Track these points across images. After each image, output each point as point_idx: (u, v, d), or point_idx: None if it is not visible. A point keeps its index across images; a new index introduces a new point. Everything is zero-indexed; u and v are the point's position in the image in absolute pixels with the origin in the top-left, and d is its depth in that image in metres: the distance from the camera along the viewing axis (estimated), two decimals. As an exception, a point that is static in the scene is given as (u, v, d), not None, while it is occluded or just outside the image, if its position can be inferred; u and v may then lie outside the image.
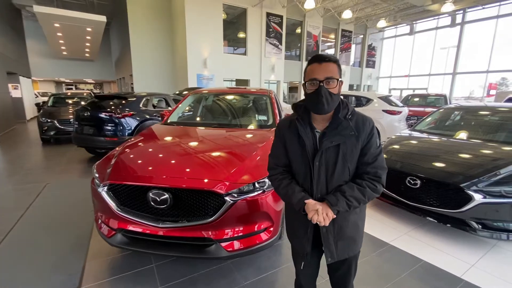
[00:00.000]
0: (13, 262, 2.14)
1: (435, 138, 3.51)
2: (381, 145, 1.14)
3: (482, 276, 2.02)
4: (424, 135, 3.68)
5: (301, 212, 1.11)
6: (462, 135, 3.50)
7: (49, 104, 7.90)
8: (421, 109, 8.62)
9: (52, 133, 6.80)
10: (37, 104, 9.24)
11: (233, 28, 14.17)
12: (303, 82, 1.11)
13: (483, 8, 14.64)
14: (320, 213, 1.04)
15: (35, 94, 15.21)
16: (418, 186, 2.65)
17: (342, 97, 1.13)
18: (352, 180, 1.12)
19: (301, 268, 1.27)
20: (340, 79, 1.05)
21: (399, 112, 6.36)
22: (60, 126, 6.80)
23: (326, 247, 1.14)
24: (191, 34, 12.17)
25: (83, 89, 26.41)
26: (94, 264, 2.12)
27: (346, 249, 1.17)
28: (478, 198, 2.28)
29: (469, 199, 2.32)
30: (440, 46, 17.57)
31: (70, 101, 8.21)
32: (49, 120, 6.79)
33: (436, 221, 2.59)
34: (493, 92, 14.96)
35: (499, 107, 3.93)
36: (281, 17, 14.74)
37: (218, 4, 12.71)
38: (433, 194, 2.58)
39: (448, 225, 2.53)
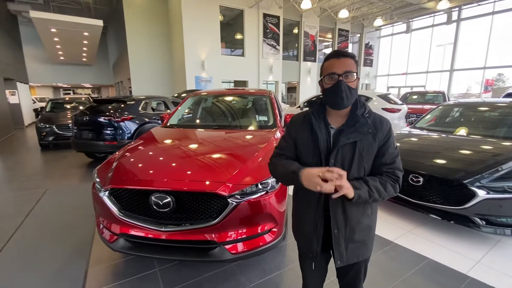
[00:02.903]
0: (14, 269, 2.11)
1: (435, 135, 3.51)
2: (397, 147, 1.12)
3: (488, 272, 2.01)
4: (425, 132, 3.68)
5: (292, 175, 1.03)
6: (463, 131, 3.50)
7: (47, 110, 7.87)
8: (420, 106, 8.64)
9: (50, 138, 6.76)
10: (35, 110, 9.19)
11: (230, 29, 14.18)
12: (319, 78, 1.10)
13: (479, 5, 14.71)
14: (333, 182, 0.92)
15: (33, 100, 15.15)
16: (420, 183, 2.64)
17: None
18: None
19: (312, 268, 1.22)
20: (357, 74, 1.05)
21: (399, 110, 6.37)
22: (58, 132, 6.76)
23: (336, 249, 1.10)
24: (189, 36, 12.16)
25: (81, 94, 26.35)
26: (97, 270, 2.10)
27: (356, 252, 1.14)
28: (481, 194, 2.27)
29: (473, 195, 2.31)
30: (436, 43, 17.63)
31: (68, 106, 8.17)
32: (47, 126, 6.75)
33: (440, 218, 2.58)
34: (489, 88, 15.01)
35: (497, 103, 3.94)
36: (278, 17, 14.76)
37: (215, 6, 12.72)
38: (436, 191, 2.57)
39: (452, 222, 2.52)
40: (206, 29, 12.61)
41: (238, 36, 14.14)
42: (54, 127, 6.76)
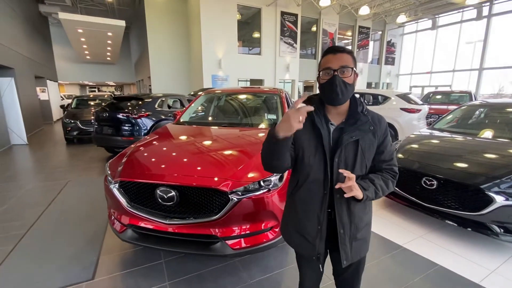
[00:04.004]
0: (34, 253, 2.28)
1: (455, 137, 3.34)
2: (393, 144, 1.14)
3: (502, 283, 1.90)
4: (443, 134, 3.51)
5: (273, 139, 0.95)
6: (486, 133, 3.30)
7: (72, 106, 8.34)
8: (444, 107, 8.22)
9: (75, 133, 7.17)
10: (61, 106, 9.75)
11: (248, 28, 14.23)
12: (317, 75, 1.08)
13: (513, -1, 13.72)
14: (352, 184, 0.96)
15: (61, 97, 16.08)
16: (434, 186, 2.53)
17: (358, 95, 1.11)
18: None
19: (320, 270, 1.20)
20: (354, 69, 1.03)
21: (418, 110, 6.11)
22: (82, 127, 7.14)
23: (342, 249, 1.09)
24: (206, 35, 12.36)
25: (105, 91, 27.58)
26: (108, 258, 2.21)
27: (359, 250, 1.14)
28: (499, 200, 2.14)
29: (490, 201, 2.18)
30: (465, 40, 16.64)
31: (92, 103, 8.61)
32: (72, 121, 7.16)
33: (456, 224, 2.46)
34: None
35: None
36: (296, 15, 14.61)
37: (233, 5, 12.81)
38: (451, 196, 2.45)
39: (469, 229, 2.39)
40: (224, 27, 12.75)
41: (255, 35, 14.15)
42: (78, 122, 7.15)
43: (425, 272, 2.03)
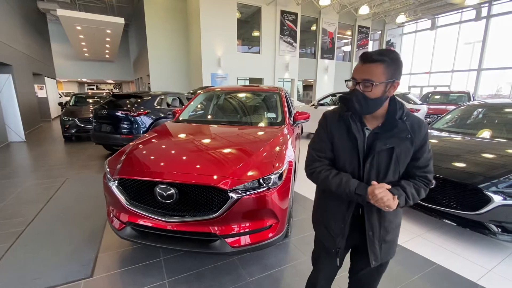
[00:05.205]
0: (33, 250, 2.27)
1: (453, 137, 3.35)
2: (431, 150, 1.09)
3: (499, 282, 1.91)
4: (443, 134, 3.52)
5: (356, 197, 1.03)
6: (484, 133, 3.32)
7: (71, 104, 8.29)
8: (443, 107, 8.25)
9: (73, 131, 7.13)
10: (60, 104, 9.70)
11: (247, 27, 14.20)
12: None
13: (511, 0, 13.75)
14: (386, 197, 0.97)
15: (59, 94, 16.00)
16: (433, 186, 2.54)
17: (397, 98, 1.08)
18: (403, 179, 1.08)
19: (337, 264, 1.24)
20: (387, 81, 0.97)
21: (417, 111, 6.14)
22: (80, 124, 7.11)
23: (371, 250, 1.11)
24: (206, 33, 12.32)
25: (104, 89, 27.47)
26: (106, 255, 2.21)
27: (388, 251, 1.15)
28: (497, 199, 2.15)
29: (488, 200, 2.19)
30: (464, 41, 16.69)
31: (90, 101, 8.56)
32: (70, 119, 7.12)
33: (455, 224, 2.46)
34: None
35: (526, 104, 3.69)
36: (295, 14, 14.60)
37: (233, 3, 12.78)
38: (450, 195, 2.46)
39: (467, 229, 2.40)
40: (223, 26, 12.72)
41: (255, 33, 14.14)
42: (76, 120, 7.11)
43: (423, 271, 2.04)
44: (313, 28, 16.21)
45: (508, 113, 3.63)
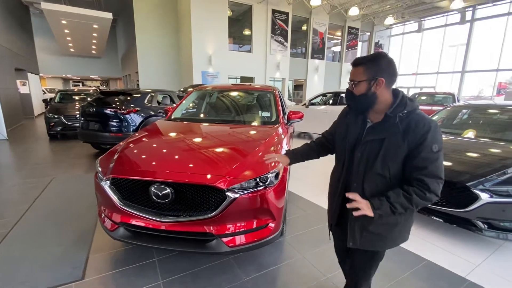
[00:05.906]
0: (19, 253, 2.18)
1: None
2: (439, 152, 1.04)
3: (487, 277, 1.99)
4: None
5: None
6: (470, 134, 3.44)
7: (56, 100, 8.00)
8: (429, 107, 8.48)
9: (58, 128, 6.90)
10: (44, 100, 9.35)
11: (238, 25, 14.13)
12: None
13: (494, 5, 14.31)
14: (359, 204, 1.08)
15: (43, 91, 15.43)
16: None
17: (403, 94, 1.14)
18: (401, 185, 1.10)
19: (329, 238, 1.50)
20: (369, 79, 1.09)
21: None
22: (66, 122, 6.88)
23: (350, 232, 1.23)
24: (197, 31, 12.18)
25: (90, 86, 26.71)
26: (98, 257, 2.15)
27: (371, 241, 1.21)
28: (484, 197, 2.24)
29: (475, 198, 2.27)
30: (448, 44, 17.24)
31: (76, 98, 8.31)
32: (56, 116, 6.88)
33: (442, 220, 2.55)
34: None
35: (508, 106, 3.85)
36: (286, 14, 14.65)
37: (224, 1, 12.68)
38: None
39: (454, 225, 2.48)
40: (214, 24, 12.60)
41: (246, 32, 14.09)
42: (62, 117, 6.88)
43: (414, 267, 2.10)
44: (304, 28, 16.32)
45: (492, 114, 3.78)
